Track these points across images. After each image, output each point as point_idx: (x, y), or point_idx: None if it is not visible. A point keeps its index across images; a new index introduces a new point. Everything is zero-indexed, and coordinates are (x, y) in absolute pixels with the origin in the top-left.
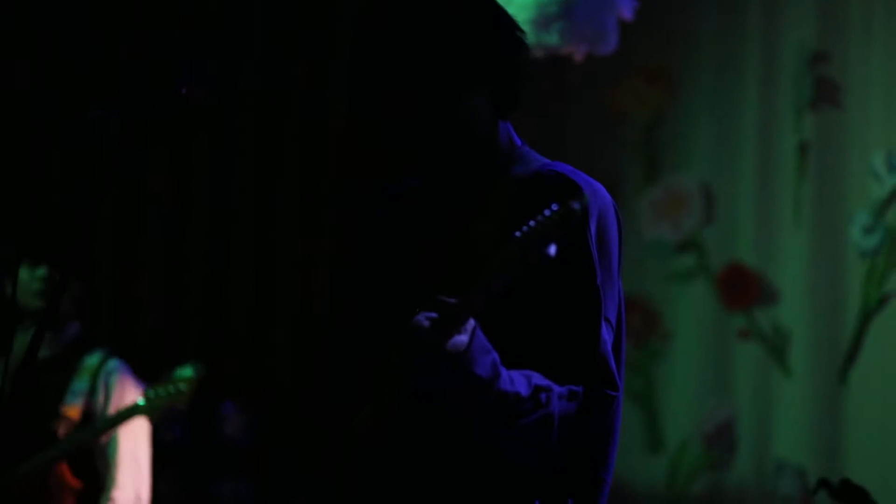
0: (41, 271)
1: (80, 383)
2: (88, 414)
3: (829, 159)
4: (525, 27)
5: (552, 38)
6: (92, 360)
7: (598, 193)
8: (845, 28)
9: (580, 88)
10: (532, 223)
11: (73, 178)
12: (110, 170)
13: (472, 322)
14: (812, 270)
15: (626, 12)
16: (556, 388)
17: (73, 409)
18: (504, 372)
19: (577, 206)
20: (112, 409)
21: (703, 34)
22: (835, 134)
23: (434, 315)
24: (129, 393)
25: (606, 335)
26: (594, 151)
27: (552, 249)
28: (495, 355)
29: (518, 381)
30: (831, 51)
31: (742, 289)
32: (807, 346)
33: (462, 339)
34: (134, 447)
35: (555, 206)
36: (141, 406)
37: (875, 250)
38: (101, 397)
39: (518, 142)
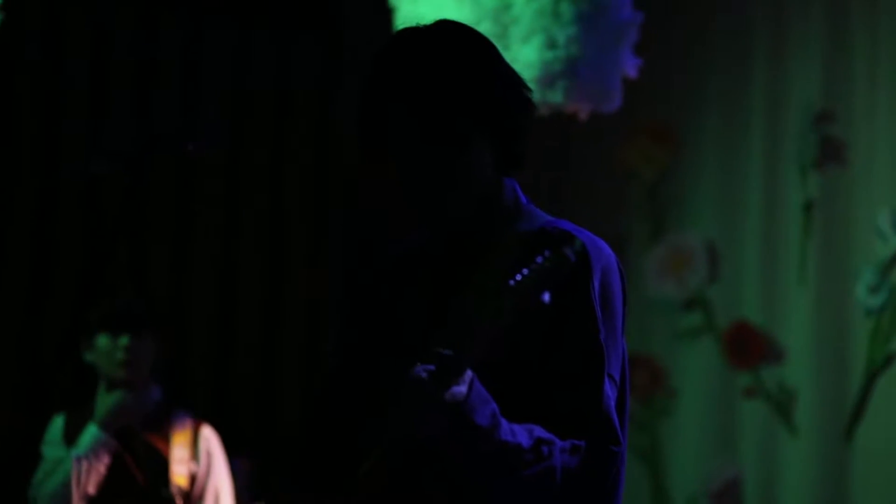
0: (124, 340)
1: (181, 450)
2: (192, 481)
3: (835, 218)
4: (530, 85)
5: (556, 97)
6: (184, 423)
7: (601, 250)
8: (850, 86)
9: (585, 146)
10: (525, 271)
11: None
12: (119, 222)
13: (469, 373)
14: (817, 328)
15: (631, 70)
16: (559, 442)
17: (182, 478)
18: (504, 423)
19: (569, 252)
20: (213, 478)
21: (708, 92)
22: (840, 192)
23: (431, 367)
24: (224, 463)
25: (610, 391)
26: (599, 209)
27: (546, 297)
28: (494, 406)
29: (519, 433)
30: (836, 109)
31: (748, 347)
32: (812, 404)
33: (461, 389)
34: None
35: (547, 253)
36: None
37: (881, 308)
38: (203, 465)
39: (524, 199)
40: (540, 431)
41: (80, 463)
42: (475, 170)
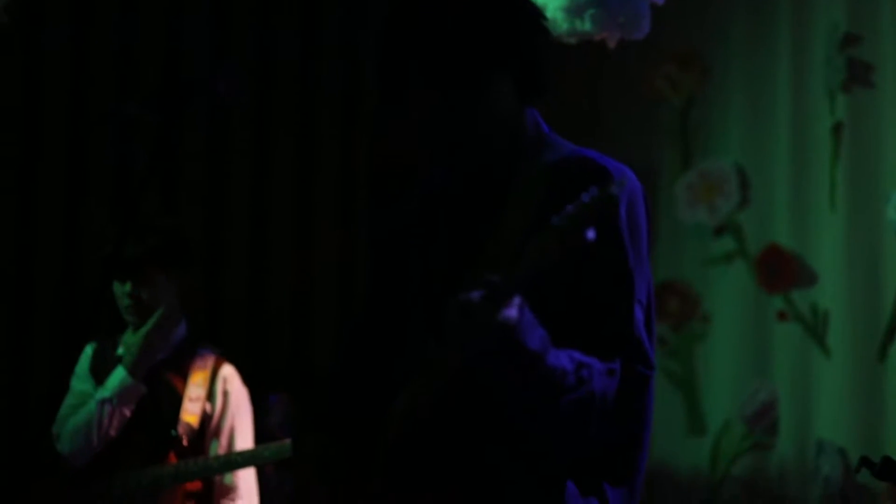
0: (127, 286)
1: (196, 388)
2: (205, 420)
3: (863, 140)
4: (557, 14)
5: (585, 25)
6: (205, 362)
7: (626, 178)
8: (876, 9)
9: (614, 74)
10: (570, 208)
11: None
12: (150, 167)
13: (518, 297)
14: (849, 251)
15: None
16: (597, 365)
17: (192, 416)
18: (551, 347)
19: (615, 190)
20: (229, 417)
21: (734, 18)
22: (868, 115)
23: (481, 292)
24: (244, 401)
25: (639, 315)
26: (629, 137)
27: (591, 234)
28: (543, 330)
29: (562, 357)
30: (862, 32)
31: (780, 271)
32: (845, 326)
33: (512, 312)
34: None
35: (594, 191)
36: (286, 450)
37: None
38: (218, 404)
39: (545, 129)
40: (579, 356)
41: (104, 406)
42: (496, 105)
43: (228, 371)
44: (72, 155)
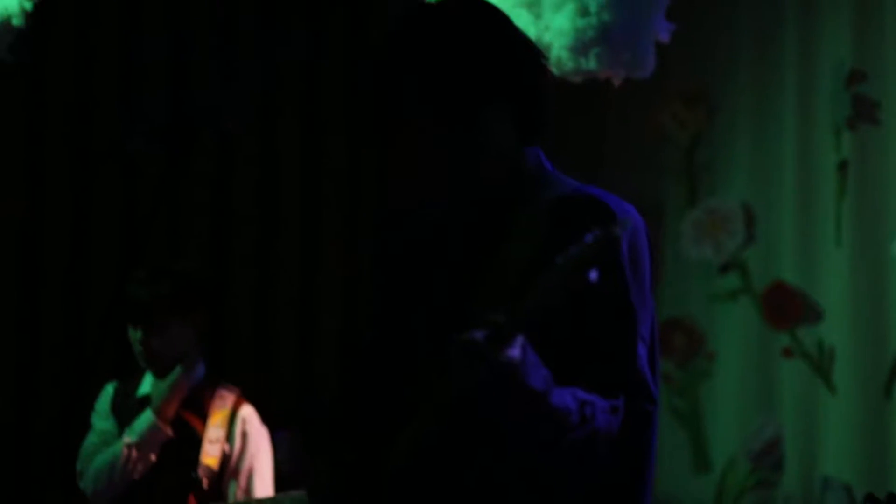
0: (137, 334)
1: (216, 430)
2: (224, 461)
3: (869, 176)
4: (562, 53)
5: (590, 64)
6: (224, 402)
7: (628, 214)
8: (881, 45)
9: (619, 112)
10: (573, 249)
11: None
12: (155, 203)
13: (521, 337)
14: (854, 287)
15: (663, 35)
16: (600, 403)
17: (212, 459)
18: (555, 387)
19: (618, 231)
20: (248, 458)
21: (740, 55)
22: (874, 151)
23: (484, 331)
24: (263, 442)
25: (641, 350)
26: (635, 175)
27: (594, 275)
28: (546, 370)
29: (566, 396)
30: (868, 69)
31: (785, 308)
32: (851, 362)
33: (515, 352)
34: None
35: (596, 232)
36: None
37: None
38: (237, 445)
39: (549, 166)
40: (582, 394)
41: (130, 450)
42: (494, 143)
43: (248, 411)
44: (77, 191)
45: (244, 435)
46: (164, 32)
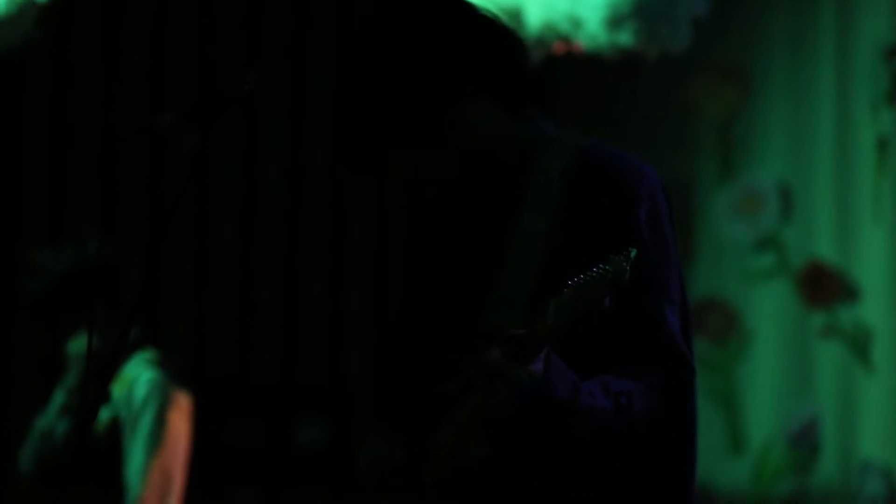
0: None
1: (117, 390)
2: (115, 428)
3: None
4: (598, 27)
5: (625, 38)
6: (135, 367)
7: (644, 175)
8: None
9: (653, 86)
10: (584, 278)
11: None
12: (186, 181)
13: (543, 350)
14: (892, 265)
15: (699, 8)
16: (634, 386)
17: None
18: (584, 387)
19: (625, 262)
20: (144, 433)
21: (777, 29)
22: None
23: (504, 348)
24: (168, 415)
25: (672, 318)
26: (669, 151)
27: (607, 302)
28: (573, 376)
29: (597, 394)
30: None
31: (823, 287)
32: (889, 341)
33: (537, 366)
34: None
35: (604, 266)
36: None
37: None
38: (132, 412)
39: (551, 132)
40: (615, 384)
41: None
42: (480, 126)
43: (148, 378)
44: (103, 168)
45: (132, 401)
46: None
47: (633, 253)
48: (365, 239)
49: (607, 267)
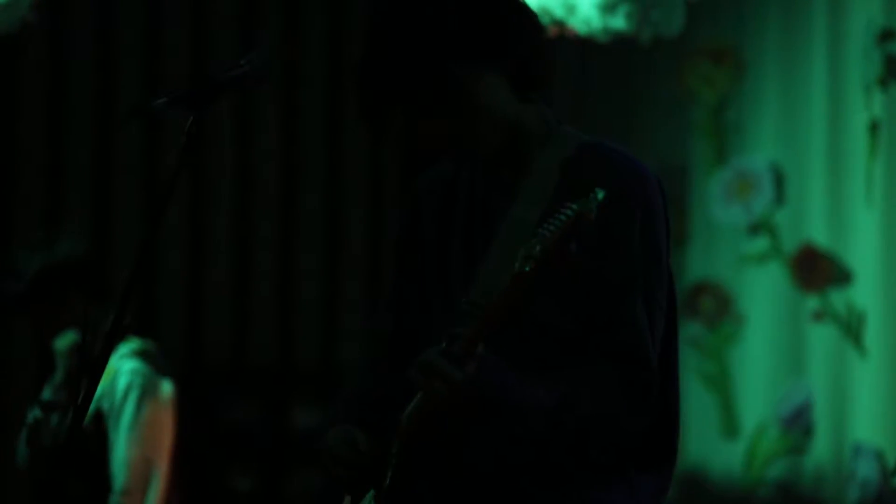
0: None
1: (102, 381)
2: (100, 419)
3: None
4: (591, 12)
5: (619, 22)
6: (118, 358)
7: (643, 176)
8: None
9: (647, 71)
10: (550, 221)
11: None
12: (178, 167)
13: (479, 351)
14: (885, 249)
15: None
16: (585, 387)
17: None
18: (525, 387)
19: (592, 204)
20: (126, 424)
21: (769, 13)
22: None
23: (446, 346)
24: (149, 406)
25: (644, 320)
26: (663, 134)
27: (573, 247)
28: (510, 375)
29: (540, 393)
30: None
31: (815, 270)
32: (882, 325)
33: (469, 368)
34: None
35: (571, 205)
36: None
37: None
38: (115, 404)
39: (553, 122)
40: (564, 384)
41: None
42: (490, 106)
43: (130, 368)
44: (98, 153)
45: (113, 393)
46: None
47: (601, 194)
48: (362, 223)
49: (574, 206)
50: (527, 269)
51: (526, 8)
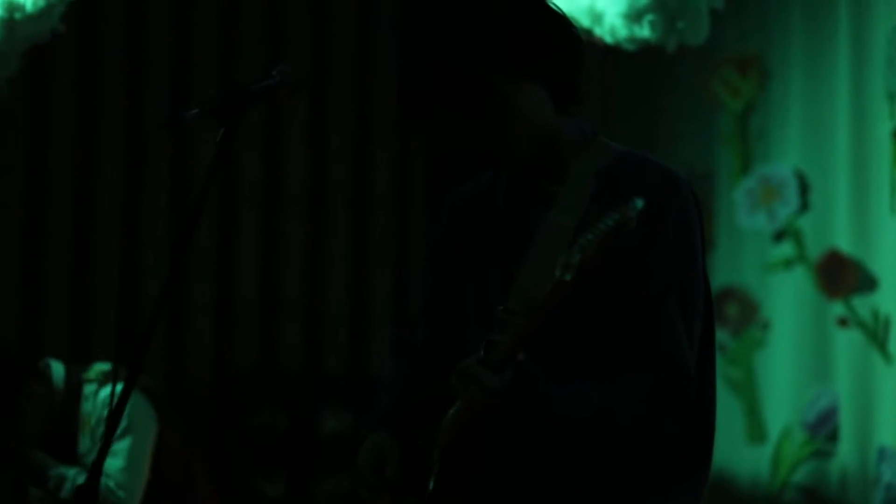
0: None
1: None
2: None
3: None
4: (616, 21)
5: (644, 31)
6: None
7: (679, 185)
8: None
9: (672, 80)
10: (590, 232)
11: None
12: (210, 177)
13: (516, 358)
14: None
15: (717, 1)
16: (618, 397)
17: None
18: (559, 397)
19: (631, 213)
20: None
21: (793, 22)
22: None
23: (482, 355)
24: (133, 434)
25: (681, 326)
26: (688, 142)
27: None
28: (546, 384)
29: (574, 403)
30: None
31: (840, 276)
32: None
33: (506, 374)
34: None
35: (612, 214)
36: None
37: None
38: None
39: (591, 133)
40: (598, 395)
41: None
42: (530, 115)
43: (107, 394)
44: (127, 167)
45: (86, 416)
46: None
47: (640, 203)
48: (389, 228)
49: (615, 215)
50: (567, 277)
51: (567, 22)
